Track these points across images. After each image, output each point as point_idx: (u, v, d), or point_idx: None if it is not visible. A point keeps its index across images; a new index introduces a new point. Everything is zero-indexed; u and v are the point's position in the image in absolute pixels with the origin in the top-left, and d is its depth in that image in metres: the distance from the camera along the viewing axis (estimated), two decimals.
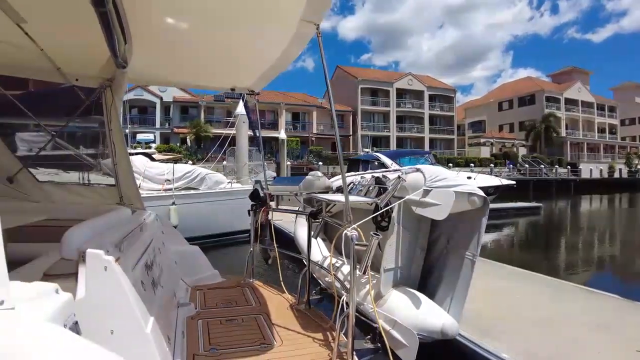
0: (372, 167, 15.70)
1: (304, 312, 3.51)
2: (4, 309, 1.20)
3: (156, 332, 2.20)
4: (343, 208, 2.85)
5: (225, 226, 10.88)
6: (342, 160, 2.96)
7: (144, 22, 2.98)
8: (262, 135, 5.46)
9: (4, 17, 2.63)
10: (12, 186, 3.69)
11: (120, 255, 2.12)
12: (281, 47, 3.15)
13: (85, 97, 3.84)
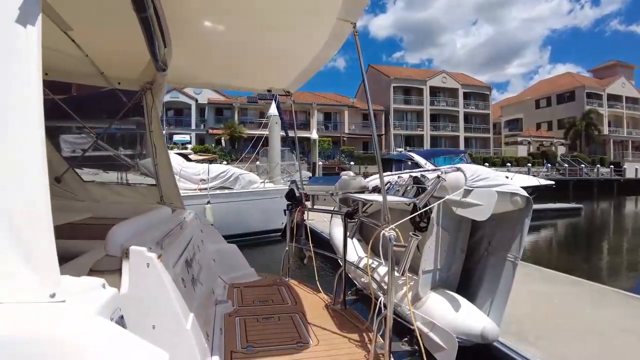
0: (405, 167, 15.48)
1: (340, 312, 3.50)
2: (55, 301, 1.26)
3: (195, 328, 2.25)
4: (379, 208, 2.81)
5: (258, 225, 11.05)
6: (379, 159, 2.93)
7: (182, 26, 3.05)
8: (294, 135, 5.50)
9: (52, 25, 2.76)
10: (60, 186, 3.87)
11: (162, 252, 2.17)
12: (317, 47, 3.16)
13: (126, 99, 3.99)
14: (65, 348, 1.18)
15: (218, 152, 34.52)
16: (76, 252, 2.75)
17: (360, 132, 46.09)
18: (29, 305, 1.24)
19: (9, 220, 1.26)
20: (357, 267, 4.31)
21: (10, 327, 1.17)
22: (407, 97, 49.20)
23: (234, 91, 40.13)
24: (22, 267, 1.26)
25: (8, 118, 1.29)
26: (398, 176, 4.26)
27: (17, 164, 1.28)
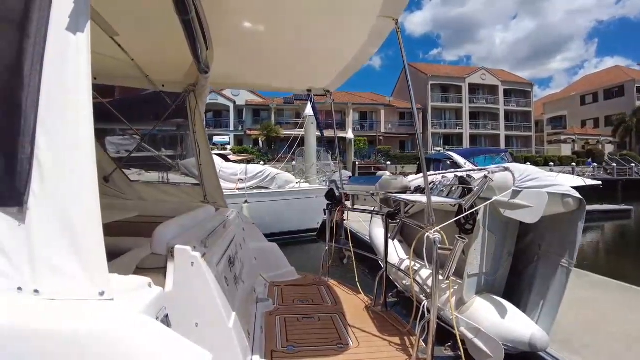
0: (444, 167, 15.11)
1: (381, 314, 3.44)
2: (104, 299, 1.29)
3: (237, 326, 2.26)
4: (422, 209, 2.74)
5: (294, 224, 11.15)
6: (423, 158, 2.86)
7: (223, 28, 3.09)
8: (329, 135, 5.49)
9: (100, 31, 2.86)
10: (108, 185, 4.04)
11: (206, 251, 2.20)
12: (358, 45, 3.11)
13: (171, 102, 4.10)
14: (112, 346, 1.20)
15: (255, 153, 35.06)
16: (123, 249, 2.84)
17: (397, 131, 45.55)
18: (79, 303, 1.28)
19: (61, 219, 1.30)
20: (399, 269, 4.23)
21: (63, 323, 1.21)
22: (445, 95, 48.10)
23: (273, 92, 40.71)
24: (74, 264, 1.29)
25: (61, 120, 1.33)
26: (442, 176, 4.13)
27: (69, 163, 1.32)
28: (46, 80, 1.31)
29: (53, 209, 1.30)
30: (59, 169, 1.31)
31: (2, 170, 1.34)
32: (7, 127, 1.32)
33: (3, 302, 1.26)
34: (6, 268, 1.29)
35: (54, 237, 1.29)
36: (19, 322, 1.21)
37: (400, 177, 4.02)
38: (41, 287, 1.29)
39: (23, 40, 1.32)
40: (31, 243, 1.30)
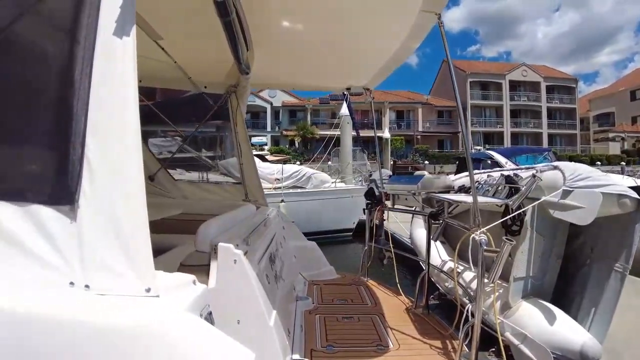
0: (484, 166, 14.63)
1: (422, 316, 3.37)
2: (150, 296, 1.31)
3: (278, 324, 2.26)
4: (466, 209, 2.65)
5: (329, 224, 11.14)
6: (469, 157, 2.77)
7: (263, 29, 3.12)
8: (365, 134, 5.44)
9: (144, 35, 2.95)
10: (153, 184, 4.17)
11: (248, 249, 2.22)
12: (399, 41, 3.05)
13: (213, 103, 4.19)
14: (158, 342, 1.23)
15: (291, 153, 35.38)
16: (168, 246, 2.91)
17: (435, 129, 44.68)
18: (127, 299, 1.31)
19: (110, 217, 1.33)
20: (441, 271, 4.13)
21: (111, 318, 1.24)
22: (484, 92, 46.67)
23: (309, 92, 41.01)
24: (122, 261, 1.32)
25: (109, 122, 1.37)
26: (487, 175, 3.98)
27: (117, 163, 1.36)
28: (95, 84, 1.35)
29: (102, 207, 1.34)
30: (108, 168, 1.35)
31: (55, 170, 1.40)
32: (60, 129, 1.37)
33: (56, 296, 1.31)
34: (59, 263, 1.34)
35: (103, 234, 1.33)
36: (71, 315, 1.25)
37: (444, 176, 3.91)
38: (91, 282, 1.33)
39: (73, 46, 1.37)
40: (82, 240, 1.34)
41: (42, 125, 1.45)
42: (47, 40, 1.51)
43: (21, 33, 1.50)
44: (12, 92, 1.51)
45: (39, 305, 1.28)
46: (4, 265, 1.38)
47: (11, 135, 1.50)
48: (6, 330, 1.26)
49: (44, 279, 1.35)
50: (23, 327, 1.25)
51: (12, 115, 1.49)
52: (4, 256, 1.38)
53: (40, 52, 1.52)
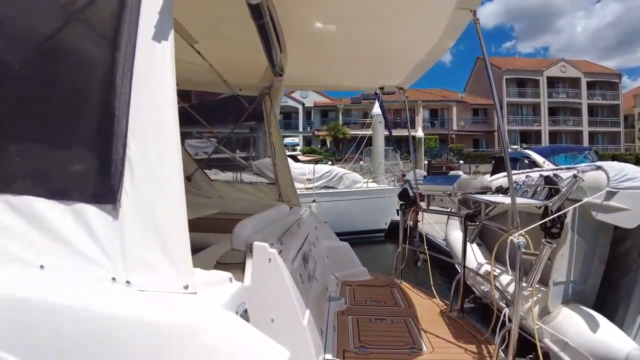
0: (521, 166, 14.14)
1: (457, 320, 3.30)
2: (188, 293, 1.35)
3: (311, 324, 2.27)
4: (504, 211, 2.58)
5: (361, 224, 11.07)
6: (508, 156, 2.68)
7: (296, 31, 3.14)
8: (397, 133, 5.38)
9: (181, 39, 3.03)
10: (190, 184, 4.29)
11: (282, 248, 2.24)
12: (433, 39, 3.01)
13: (247, 104, 4.27)
14: (195, 337, 1.26)
15: (323, 153, 35.46)
16: (204, 244, 2.98)
17: (470, 128, 43.62)
18: (166, 295, 1.35)
19: (150, 216, 1.38)
20: (477, 274, 4.03)
21: (151, 313, 1.29)
22: (521, 89, 45.05)
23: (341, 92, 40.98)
24: (161, 259, 1.37)
25: (149, 124, 1.41)
26: (526, 175, 3.85)
27: (157, 164, 1.40)
28: (136, 87, 1.40)
29: (143, 206, 1.39)
30: (148, 169, 1.40)
31: (98, 170, 1.47)
32: (103, 131, 1.43)
33: (100, 291, 1.37)
34: (103, 260, 1.41)
35: (143, 232, 1.38)
36: (112, 310, 1.31)
37: (480, 176, 3.81)
38: (132, 278, 1.38)
39: (115, 51, 1.43)
40: (123, 238, 1.39)
41: (87, 128, 1.52)
42: (90, 46, 1.58)
43: (67, 40, 1.58)
44: (59, 97, 1.58)
45: (83, 299, 1.35)
46: (51, 260, 1.46)
47: (58, 137, 1.58)
48: (52, 321, 1.34)
49: (88, 274, 1.41)
50: (68, 319, 1.33)
51: (59, 118, 1.57)
52: (52, 252, 1.46)
53: (84, 57, 1.59)
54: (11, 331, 1.37)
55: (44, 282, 1.42)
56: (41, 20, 1.60)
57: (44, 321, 1.35)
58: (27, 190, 1.52)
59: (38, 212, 1.49)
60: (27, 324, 1.36)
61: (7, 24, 1.65)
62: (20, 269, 1.48)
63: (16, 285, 1.42)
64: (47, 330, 1.34)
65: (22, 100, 1.62)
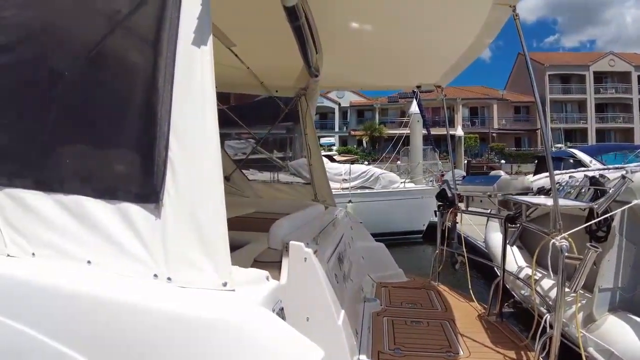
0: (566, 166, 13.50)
1: (495, 324, 3.21)
2: (227, 290, 1.39)
3: (346, 324, 2.27)
4: (546, 213, 2.48)
5: (398, 225, 10.93)
6: (550, 156, 2.59)
7: (332, 31, 3.16)
8: (436, 132, 5.30)
9: (219, 43, 3.11)
10: (229, 184, 4.40)
11: (317, 248, 2.26)
12: (471, 36, 2.94)
13: (284, 106, 4.33)
14: (233, 333, 1.31)
15: (359, 153, 35.32)
16: (242, 242, 3.05)
17: (511, 126, 42.17)
18: (205, 292, 1.40)
19: (191, 215, 1.43)
20: (517, 278, 3.90)
21: (191, 309, 1.35)
22: (565, 85, 42.93)
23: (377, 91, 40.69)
24: (201, 257, 1.42)
25: (190, 126, 1.46)
26: (569, 176, 3.69)
27: (198, 165, 1.45)
28: (177, 91, 1.46)
29: (184, 205, 1.44)
30: (189, 170, 1.45)
31: (142, 171, 1.54)
32: (146, 133, 1.49)
33: (142, 287, 1.44)
34: (145, 257, 1.47)
35: (184, 231, 1.44)
36: (154, 305, 1.38)
37: (522, 177, 3.67)
38: (173, 275, 1.44)
39: (157, 57, 1.49)
40: (165, 236, 1.45)
41: (131, 131, 1.59)
42: (133, 52, 1.66)
43: (112, 47, 1.66)
44: (106, 101, 1.67)
45: (126, 294, 1.42)
46: (98, 257, 1.55)
47: (105, 140, 1.66)
48: (96, 314, 1.42)
49: (131, 271, 1.48)
50: (111, 312, 1.41)
51: (105, 122, 1.65)
52: (99, 248, 1.55)
53: (128, 63, 1.67)
54: (59, 321, 1.48)
55: (91, 277, 1.51)
56: (88, 29, 1.68)
57: (89, 313, 1.44)
58: (77, 190, 1.61)
59: (86, 211, 1.58)
60: (72, 316, 1.46)
61: (58, 33, 1.75)
62: (70, 264, 1.58)
63: (65, 279, 1.51)
64: (90, 322, 1.43)
65: (72, 106, 1.72)
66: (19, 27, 1.80)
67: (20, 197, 1.71)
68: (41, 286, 1.53)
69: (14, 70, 1.81)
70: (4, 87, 1.83)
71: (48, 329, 1.45)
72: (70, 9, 1.74)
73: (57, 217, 1.63)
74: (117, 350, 1.39)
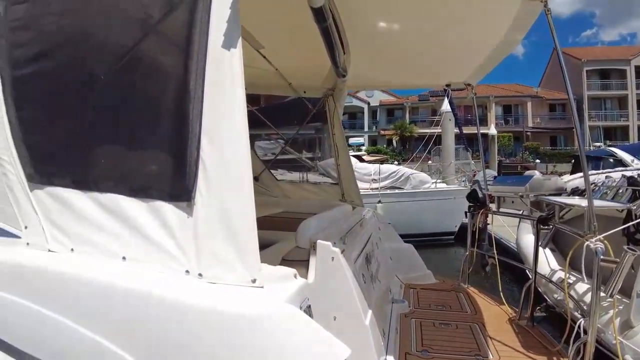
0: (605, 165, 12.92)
1: (526, 328, 3.12)
2: (255, 286, 1.43)
3: (373, 324, 2.27)
4: (580, 214, 2.40)
5: (429, 226, 10.77)
6: (584, 155, 2.50)
7: (359, 31, 3.16)
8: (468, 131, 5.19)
9: (247, 45, 3.17)
10: (258, 184, 4.47)
11: (345, 247, 2.27)
12: (502, 32, 2.87)
13: (311, 106, 4.36)
14: (261, 329, 1.34)
15: (389, 153, 35.03)
16: (270, 241, 3.09)
17: (546, 125, 40.73)
18: (235, 288, 1.44)
19: (221, 213, 1.48)
20: (549, 281, 3.78)
21: (220, 304, 1.39)
22: (604, 81, 40.86)
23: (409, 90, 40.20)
24: (231, 254, 1.46)
25: (220, 127, 1.51)
26: (606, 176, 3.55)
27: (228, 165, 1.49)
28: (208, 93, 1.50)
29: (215, 204, 1.49)
30: (220, 170, 1.50)
31: (175, 171, 1.59)
32: (179, 134, 1.55)
33: (174, 282, 1.51)
34: (177, 254, 1.54)
35: (215, 228, 1.49)
36: (185, 300, 1.43)
37: (555, 177, 3.55)
38: (204, 271, 1.50)
39: (188, 60, 1.54)
40: (197, 233, 1.51)
41: (164, 132, 1.66)
42: (165, 56, 1.72)
43: (145, 51, 1.73)
44: (140, 104, 1.75)
45: (159, 289, 1.49)
46: (132, 253, 1.63)
47: (139, 141, 1.74)
48: (129, 306, 1.50)
49: (164, 267, 1.55)
50: (144, 305, 1.48)
51: (139, 124, 1.73)
52: (133, 245, 1.63)
53: (160, 66, 1.73)
54: (95, 313, 1.56)
55: (125, 272, 1.59)
56: (123, 35, 1.76)
57: (123, 306, 1.51)
58: (112, 189, 1.70)
59: (121, 209, 1.66)
60: (108, 308, 1.54)
61: (95, 39, 1.83)
62: (106, 259, 1.67)
63: (102, 274, 1.60)
64: (124, 315, 1.51)
65: (108, 109, 1.80)
66: (58, 34, 1.90)
67: (60, 195, 1.82)
68: (79, 280, 1.62)
69: (54, 76, 1.92)
70: (44, 92, 1.95)
71: (84, 320, 1.54)
72: (106, 16, 1.82)
73: (94, 215, 1.72)
74: (148, 342, 1.46)
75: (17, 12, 1.97)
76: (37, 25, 1.94)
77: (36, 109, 1.98)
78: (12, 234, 1.95)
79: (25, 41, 1.95)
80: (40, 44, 1.93)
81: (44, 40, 1.93)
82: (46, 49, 1.92)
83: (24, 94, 1.97)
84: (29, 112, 1.97)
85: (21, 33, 1.95)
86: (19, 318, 1.71)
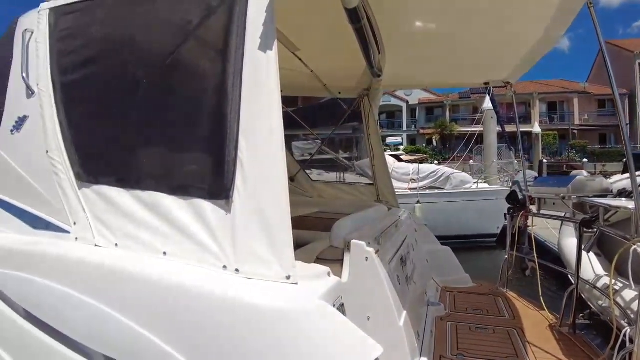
0: None
1: (567, 336, 2.99)
2: (290, 283, 1.48)
3: (408, 326, 2.26)
4: (627, 217, 2.28)
5: (470, 228, 10.51)
6: (630, 154, 2.38)
7: (394, 31, 3.14)
8: (511, 130, 5.01)
9: (283, 48, 3.22)
10: (293, 184, 4.54)
11: (379, 248, 2.27)
12: (541, 27, 2.76)
13: (347, 107, 4.39)
14: (294, 324, 1.39)
15: (429, 152, 34.44)
16: (305, 241, 3.14)
17: (595, 122, 38.64)
18: (270, 284, 1.50)
19: (258, 212, 1.54)
20: (593, 287, 3.59)
21: (256, 299, 1.45)
22: None
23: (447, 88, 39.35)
24: (267, 251, 1.52)
25: (257, 128, 1.57)
26: None
27: (265, 164, 1.56)
28: (245, 95, 1.57)
29: (252, 202, 1.56)
30: (257, 169, 1.56)
31: (213, 169, 1.67)
32: (217, 135, 1.62)
33: (212, 277, 1.58)
34: (216, 250, 1.61)
35: (252, 226, 1.55)
36: (223, 294, 1.50)
37: (600, 177, 3.36)
38: (241, 267, 1.56)
39: (226, 64, 1.61)
40: (234, 230, 1.58)
41: (203, 132, 1.74)
42: (204, 59, 1.80)
43: (185, 55, 1.82)
44: (180, 106, 1.83)
45: (198, 283, 1.57)
46: (173, 248, 1.71)
47: (179, 141, 1.84)
48: (170, 299, 1.58)
49: (202, 262, 1.63)
50: (184, 298, 1.56)
51: (179, 125, 1.82)
52: (173, 240, 1.72)
53: (199, 69, 1.82)
54: (138, 305, 1.66)
55: (166, 266, 1.68)
56: (163, 40, 1.87)
57: (164, 299, 1.60)
58: (154, 187, 1.80)
59: (162, 206, 1.76)
60: (149, 301, 1.64)
61: (137, 45, 1.95)
62: (147, 254, 1.76)
63: (144, 267, 1.70)
64: (165, 307, 1.59)
65: (150, 111, 1.91)
66: (104, 41, 2.04)
67: (105, 193, 1.94)
68: (123, 273, 1.73)
69: (100, 81, 2.06)
70: (91, 96, 2.09)
71: (127, 312, 1.64)
72: (147, 22, 1.93)
73: (137, 212, 1.83)
74: (186, 334, 1.53)
75: (66, 22, 2.12)
76: (85, 34, 2.08)
77: (84, 113, 2.13)
78: (63, 229, 2.09)
79: (73, 49, 2.10)
80: (87, 51, 2.07)
81: (90, 48, 2.06)
82: (93, 55, 2.05)
83: (73, 98, 2.12)
84: (78, 115, 2.12)
85: (70, 41, 2.11)
86: (66, 306, 1.83)
